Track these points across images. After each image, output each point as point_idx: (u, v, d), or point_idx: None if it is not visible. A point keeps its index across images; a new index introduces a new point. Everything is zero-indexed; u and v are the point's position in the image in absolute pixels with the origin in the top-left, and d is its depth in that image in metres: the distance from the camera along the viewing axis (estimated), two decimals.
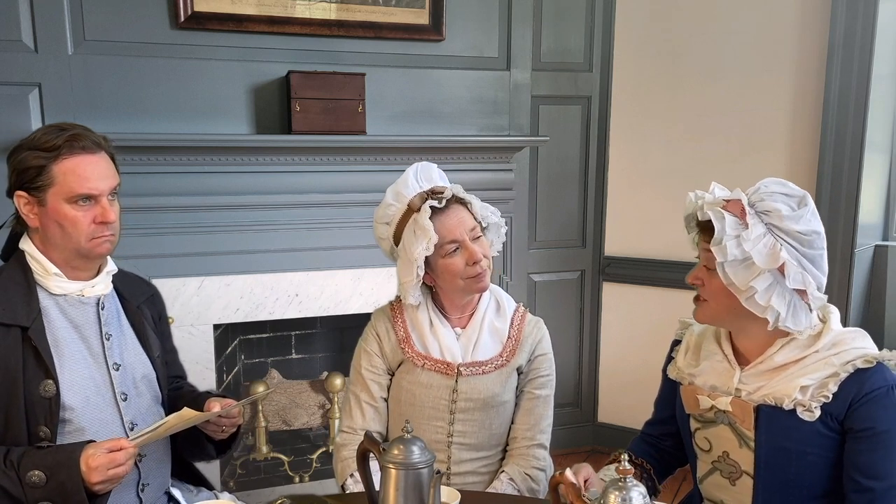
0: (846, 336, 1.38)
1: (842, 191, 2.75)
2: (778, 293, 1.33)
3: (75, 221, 1.45)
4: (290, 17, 2.71)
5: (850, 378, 1.33)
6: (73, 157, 1.44)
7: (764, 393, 1.39)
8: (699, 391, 1.48)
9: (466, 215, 1.69)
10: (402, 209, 1.70)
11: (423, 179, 1.71)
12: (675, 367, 1.58)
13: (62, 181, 1.43)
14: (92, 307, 1.52)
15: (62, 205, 1.44)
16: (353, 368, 1.80)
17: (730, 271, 1.33)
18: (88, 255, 1.49)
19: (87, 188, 1.44)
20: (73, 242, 1.46)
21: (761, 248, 1.31)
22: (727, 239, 1.31)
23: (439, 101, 2.98)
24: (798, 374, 1.36)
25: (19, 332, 1.43)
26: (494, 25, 3.05)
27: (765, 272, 1.31)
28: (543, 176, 3.32)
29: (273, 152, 2.70)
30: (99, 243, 1.48)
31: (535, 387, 1.77)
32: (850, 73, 2.69)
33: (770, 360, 1.40)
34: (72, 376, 1.46)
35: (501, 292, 1.82)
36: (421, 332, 1.74)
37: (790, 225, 1.32)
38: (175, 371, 1.78)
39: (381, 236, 1.77)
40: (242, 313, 2.76)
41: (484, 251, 1.69)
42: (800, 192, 1.36)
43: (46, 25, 2.45)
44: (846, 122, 2.71)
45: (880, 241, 3.00)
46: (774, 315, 1.33)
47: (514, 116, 3.12)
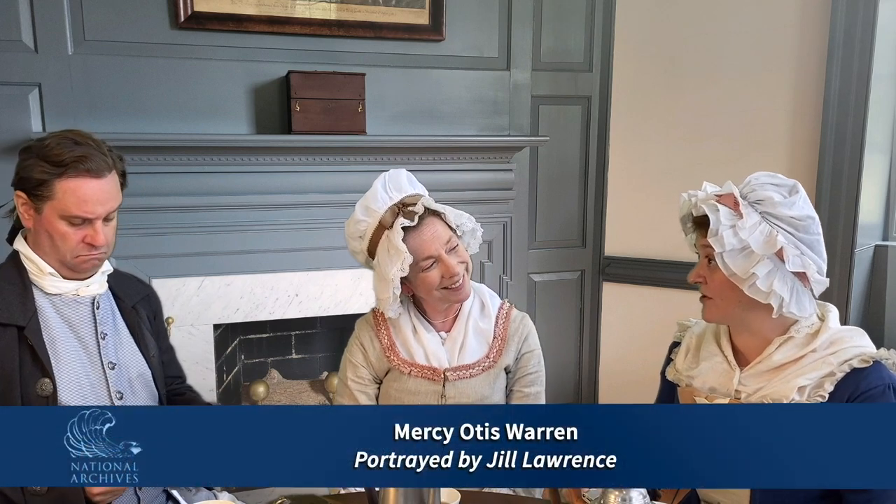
0: (844, 335, 1.38)
1: (842, 191, 2.75)
2: (779, 278, 1.34)
3: (65, 237, 1.46)
4: (290, 17, 2.71)
5: (847, 377, 1.33)
6: (76, 179, 1.44)
7: (762, 394, 1.39)
8: (696, 393, 1.48)
9: (441, 227, 1.65)
10: (373, 224, 1.65)
11: (393, 189, 1.66)
12: (674, 369, 1.57)
13: (61, 198, 1.44)
14: (87, 306, 1.53)
15: (56, 219, 1.45)
16: (340, 380, 1.79)
17: (729, 261, 1.34)
18: (74, 269, 1.50)
19: (83, 211, 1.46)
20: (60, 255, 1.48)
21: (758, 236, 1.33)
22: (723, 229, 1.33)
23: (439, 101, 2.98)
24: (796, 374, 1.36)
25: (15, 331, 1.43)
26: (494, 25, 3.05)
27: (764, 258, 1.33)
28: (543, 176, 3.32)
29: (273, 152, 2.70)
30: (84, 261, 1.49)
31: (524, 385, 1.75)
32: (850, 73, 2.69)
33: (769, 360, 1.40)
34: (68, 375, 1.46)
35: (485, 291, 1.80)
36: (405, 340, 1.71)
37: (784, 211, 1.34)
38: (173, 371, 1.78)
39: (354, 250, 1.73)
40: (242, 313, 2.76)
41: (461, 258, 1.66)
42: (789, 181, 1.38)
43: (46, 25, 2.45)
44: (846, 122, 2.71)
45: (880, 241, 3.00)
46: (778, 300, 1.34)
47: (514, 116, 3.12)
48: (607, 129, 3.35)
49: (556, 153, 3.32)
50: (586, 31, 3.29)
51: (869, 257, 2.94)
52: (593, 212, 3.43)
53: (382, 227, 1.64)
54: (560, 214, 3.40)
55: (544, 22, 3.21)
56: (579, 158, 3.38)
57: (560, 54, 3.26)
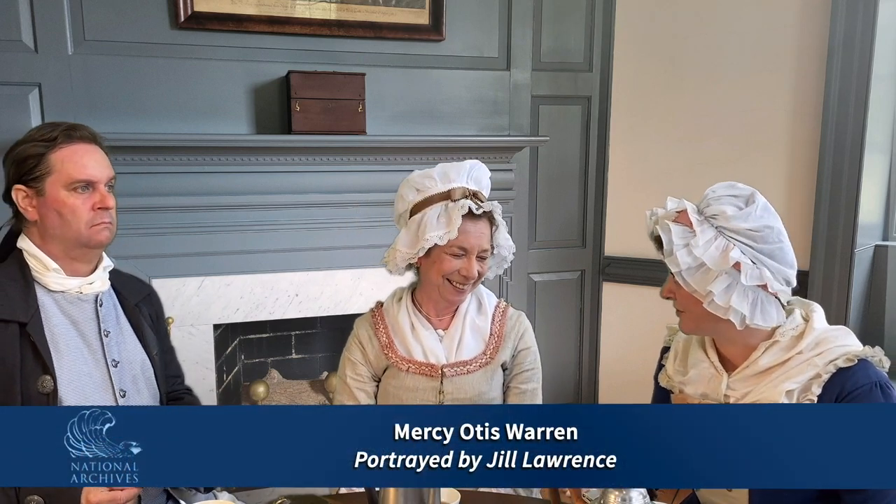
0: (829, 335, 1.37)
1: (842, 191, 2.75)
2: (738, 293, 1.33)
3: (74, 208, 1.47)
4: (290, 17, 2.71)
5: (834, 378, 1.31)
6: (70, 146, 1.47)
7: (751, 399, 1.38)
8: (689, 399, 1.48)
9: (487, 234, 1.70)
10: (440, 190, 1.68)
11: (473, 179, 1.71)
12: (666, 375, 1.57)
13: (60, 168, 1.46)
14: (90, 304, 1.53)
15: (61, 192, 1.46)
16: (339, 378, 1.80)
17: (688, 279, 1.35)
18: (88, 244, 1.50)
19: (86, 174, 1.48)
20: (73, 231, 1.48)
21: (713, 252, 1.33)
22: (677, 249, 1.34)
23: (439, 101, 2.98)
24: (783, 377, 1.36)
25: (17, 327, 1.43)
26: (494, 25, 3.05)
27: (722, 274, 1.33)
28: (543, 176, 3.32)
29: (273, 152, 2.70)
30: (98, 230, 1.49)
31: (520, 381, 1.77)
32: (850, 73, 2.69)
33: (755, 365, 1.39)
34: (70, 373, 1.46)
35: (482, 289, 1.82)
36: (403, 337, 1.74)
37: (738, 224, 1.33)
38: (173, 371, 1.78)
39: (403, 196, 1.74)
40: (242, 313, 2.76)
41: (481, 269, 1.70)
42: (747, 190, 1.37)
43: (46, 25, 2.45)
44: (846, 122, 2.71)
45: (880, 241, 3.00)
46: (738, 315, 1.34)
47: (514, 116, 3.13)
48: (607, 129, 3.35)
49: (556, 153, 3.32)
50: (586, 31, 3.29)
51: (869, 257, 2.94)
52: (593, 212, 3.43)
53: (446, 197, 1.67)
54: (560, 214, 3.40)
55: (544, 22, 3.21)
56: (579, 158, 3.38)
57: (560, 54, 3.26)
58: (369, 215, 2.83)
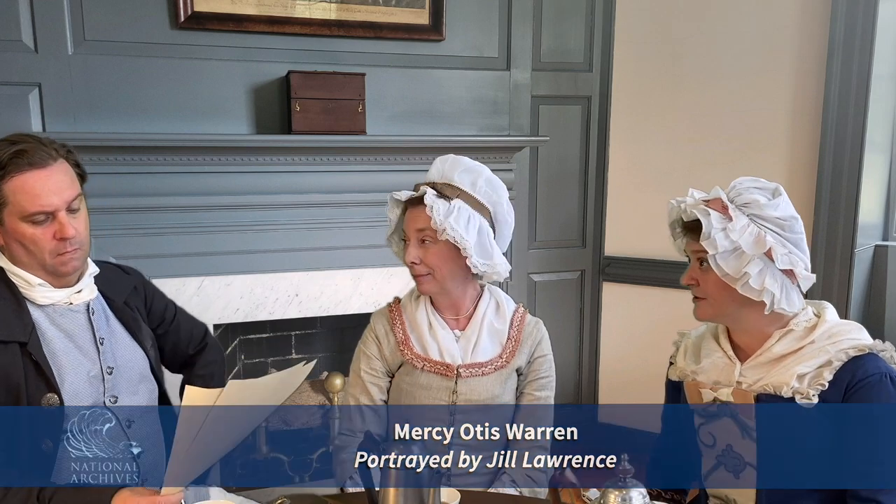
0: (842, 328, 1.44)
1: (842, 191, 2.75)
2: (770, 275, 1.40)
3: (35, 240, 1.41)
4: (290, 17, 2.71)
5: (845, 366, 1.38)
6: (20, 175, 1.38)
7: (763, 384, 1.43)
8: (702, 385, 1.52)
9: (424, 215, 1.64)
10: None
11: (439, 172, 1.69)
12: (676, 368, 1.60)
13: (13, 200, 1.39)
14: (82, 314, 1.51)
15: (19, 224, 1.40)
16: (353, 371, 1.80)
17: (722, 262, 1.40)
18: (56, 273, 1.46)
19: (39, 205, 1.39)
20: (38, 260, 1.43)
21: (747, 237, 1.40)
22: (715, 232, 1.40)
23: (439, 101, 2.98)
24: (795, 363, 1.42)
25: (17, 347, 1.41)
26: (494, 25, 3.05)
27: (754, 258, 1.39)
28: (543, 176, 3.32)
29: (273, 152, 2.70)
30: (63, 261, 1.44)
31: (535, 388, 1.77)
32: (850, 73, 2.69)
33: (769, 352, 1.45)
34: (72, 387, 1.45)
35: (500, 293, 1.82)
36: (420, 334, 1.74)
37: (770, 212, 1.41)
38: (185, 335, 1.76)
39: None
40: (242, 313, 2.76)
41: (423, 257, 1.66)
42: (771, 184, 1.45)
43: (46, 25, 2.45)
44: (846, 122, 2.71)
45: (880, 241, 3.00)
46: (770, 297, 1.40)
47: (514, 116, 3.13)
48: (607, 129, 3.35)
49: (556, 153, 3.32)
50: (586, 31, 3.29)
51: (869, 257, 2.94)
52: (593, 212, 3.43)
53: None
54: (560, 214, 3.40)
55: (544, 22, 3.21)
56: (579, 158, 3.38)
57: (560, 54, 3.26)
58: (369, 215, 2.82)
